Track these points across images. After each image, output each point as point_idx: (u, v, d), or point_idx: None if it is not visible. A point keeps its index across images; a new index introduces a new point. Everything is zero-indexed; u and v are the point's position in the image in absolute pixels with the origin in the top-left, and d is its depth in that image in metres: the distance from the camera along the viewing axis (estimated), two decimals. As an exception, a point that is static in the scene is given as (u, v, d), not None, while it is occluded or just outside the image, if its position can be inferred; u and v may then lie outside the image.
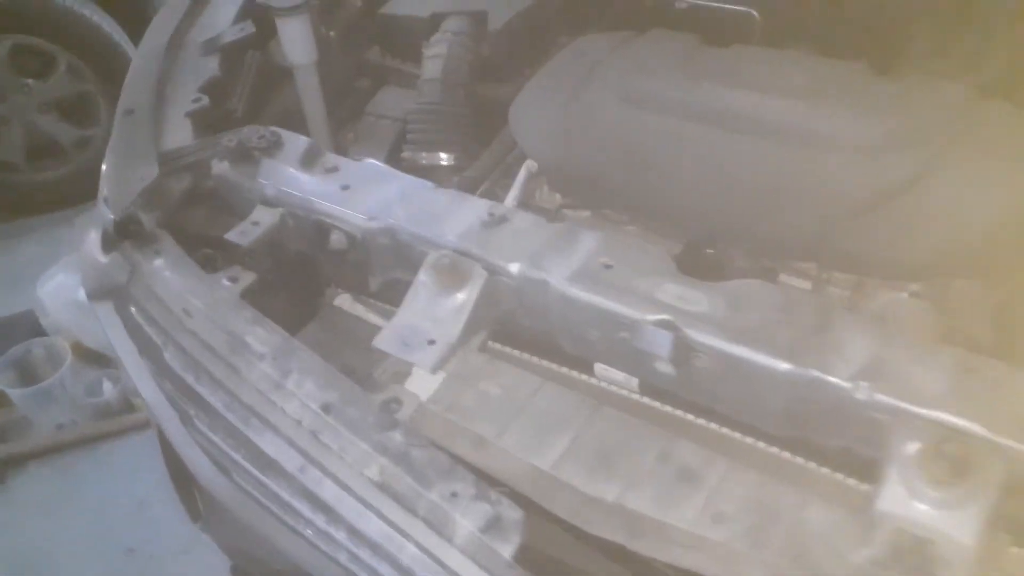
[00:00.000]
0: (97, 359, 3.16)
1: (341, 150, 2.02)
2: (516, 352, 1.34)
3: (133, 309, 1.40)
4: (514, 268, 1.22)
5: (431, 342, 1.20)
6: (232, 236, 1.37)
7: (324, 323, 1.49)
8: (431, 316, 1.22)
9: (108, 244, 1.39)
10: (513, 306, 1.26)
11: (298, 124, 1.95)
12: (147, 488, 2.83)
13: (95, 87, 3.65)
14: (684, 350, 1.09)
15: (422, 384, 1.25)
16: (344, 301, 1.52)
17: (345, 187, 1.39)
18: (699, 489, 1.06)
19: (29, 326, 3.17)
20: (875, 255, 1.37)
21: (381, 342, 1.22)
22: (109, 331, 1.49)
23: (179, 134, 1.55)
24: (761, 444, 1.15)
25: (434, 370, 1.19)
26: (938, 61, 1.79)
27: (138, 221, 1.40)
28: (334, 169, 1.45)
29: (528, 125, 1.75)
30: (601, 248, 1.22)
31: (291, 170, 1.44)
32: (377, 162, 1.47)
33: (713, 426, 1.19)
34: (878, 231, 1.36)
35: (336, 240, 1.36)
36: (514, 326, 1.31)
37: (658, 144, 1.57)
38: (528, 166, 1.74)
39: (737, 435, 1.17)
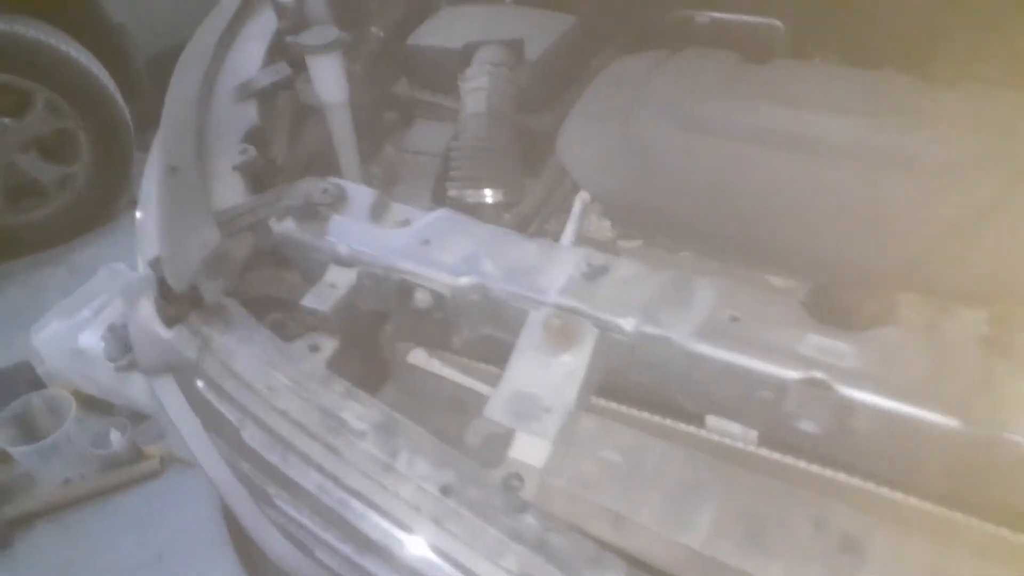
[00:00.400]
0: (100, 407, 3.02)
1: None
2: (616, 406, 1.26)
3: (201, 384, 1.30)
4: (628, 324, 1.15)
5: (547, 410, 1.11)
6: (310, 302, 1.28)
7: (401, 383, 1.40)
8: (542, 380, 1.14)
9: (171, 318, 1.28)
10: (624, 364, 1.19)
11: (328, 164, 1.86)
12: (165, 540, 2.71)
13: (75, 123, 3.50)
14: (839, 410, 1.02)
15: (527, 451, 1.17)
16: (418, 357, 1.44)
17: (425, 242, 1.30)
18: (866, 560, 0.99)
19: (25, 377, 3.02)
20: (968, 278, 1.32)
21: (493, 412, 1.13)
22: (168, 406, 1.39)
23: (230, 190, 1.45)
24: (910, 499, 1.09)
25: (554, 440, 1.11)
26: (977, 65, 1.76)
27: (202, 291, 1.29)
28: (405, 222, 1.37)
29: (580, 156, 1.68)
30: (723, 298, 1.15)
31: (362, 226, 1.35)
32: (450, 211, 1.38)
33: (856, 481, 1.12)
34: (971, 253, 1.32)
35: (421, 299, 1.28)
36: (616, 380, 1.24)
37: (727, 171, 1.52)
38: (582, 198, 1.67)
39: (884, 490, 1.10)
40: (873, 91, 1.59)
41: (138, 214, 1.65)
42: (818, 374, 1.03)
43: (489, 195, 1.69)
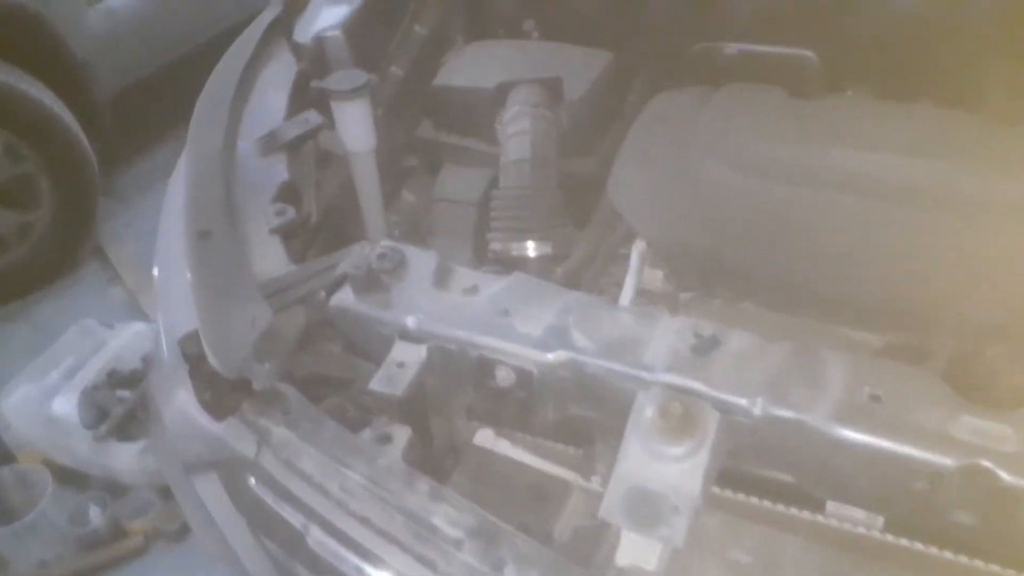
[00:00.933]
0: (75, 479, 2.79)
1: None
2: (731, 493, 1.14)
3: (253, 481, 1.15)
4: (755, 406, 1.03)
5: (675, 509, 0.98)
6: (380, 385, 1.13)
7: (471, 469, 1.26)
8: (660, 474, 1.01)
9: (223, 409, 1.12)
10: (743, 450, 1.07)
11: (345, 216, 1.72)
12: (152, 625, 2.50)
13: (36, 167, 3.26)
14: (1007, 500, 0.92)
15: (642, 555, 1.04)
16: (485, 438, 1.30)
17: (504, 312, 1.17)
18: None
19: (-9, 446, 2.78)
20: None
21: (608, 513, 1.00)
22: (208, 504, 1.23)
23: (271, 257, 1.30)
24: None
25: (687, 545, 0.98)
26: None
27: (252, 377, 1.14)
28: (474, 288, 1.23)
29: (635, 201, 1.58)
30: (857, 374, 1.04)
31: (429, 294, 1.21)
32: (527, 276, 1.25)
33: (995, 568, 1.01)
34: None
35: (503, 378, 1.14)
36: (728, 467, 1.11)
37: (792, 216, 1.43)
38: (639, 248, 1.56)
39: None
40: (934, 130, 1.52)
41: (155, 271, 1.49)
42: (983, 462, 0.92)
43: (535, 247, 1.57)
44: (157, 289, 1.46)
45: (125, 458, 2.61)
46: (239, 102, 1.56)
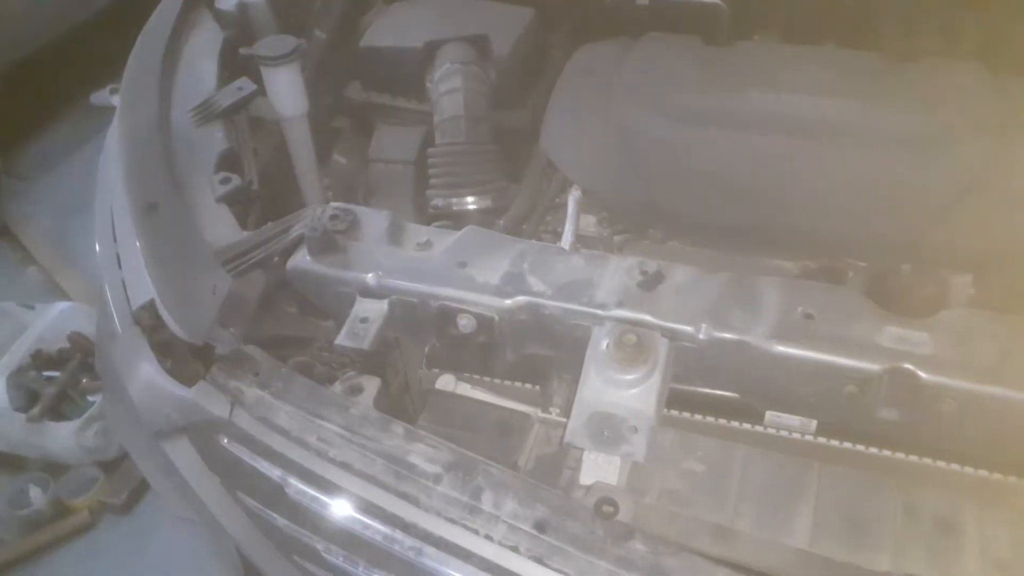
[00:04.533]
0: (10, 464, 2.74)
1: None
2: (677, 413, 1.24)
3: (226, 441, 1.18)
4: (700, 332, 1.12)
5: (633, 429, 1.07)
6: (346, 340, 1.18)
7: (436, 413, 1.32)
8: (618, 398, 1.10)
9: (190, 375, 1.15)
10: (690, 372, 1.16)
11: (284, 180, 1.74)
12: (104, 599, 2.50)
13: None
14: (927, 397, 1.04)
15: (607, 472, 1.13)
16: (447, 382, 1.36)
17: (461, 264, 1.23)
18: (964, 540, 1.02)
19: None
20: (961, 249, 1.38)
21: (574, 438, 1.08)
22: (181, 467, 1.27)
23: (221, 225, 1.32)
24: (988, 475, 1.12)
25: (647, 459, 1.07)
26: (917, 39, 1.83)
27: (215, 341, 1.17)
28: (427, 243, 1.29)
29: (569, 152, 1.65)
30: (790, 296, 1.14)
31: (385, 251, 1.26)
32: (478, 228, 1.30)
33: (926, 462, 1.14)
34: (962, 225, 1.38)
35: (465, 325, 1.20)
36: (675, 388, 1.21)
37: (718, 158, 1.52)
38: (575, 197, 1.63)
39: (955, 467, 1.13)
40: (839, 69, 1.62)
41: (97, 247, 1.49)
42: (905, 364, 1.04)
43: (476, 201, 1.63)
44: (101, 265, 1.45)
45: (62, 438, 2.58)
46: (168, 73, 1.55)
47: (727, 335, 1.11)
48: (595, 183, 1.59)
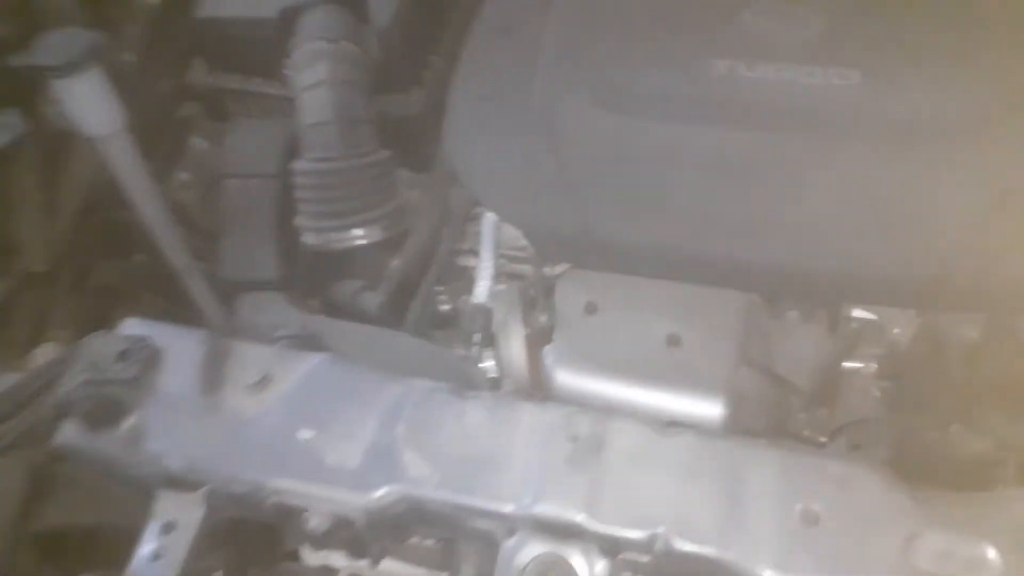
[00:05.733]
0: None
1: (179, 205, 1.40)
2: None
3: None
4: (654, 541, 0.75)
5: None
6: (142, 568, 0.80)
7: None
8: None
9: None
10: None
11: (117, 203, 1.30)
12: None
13: None
14: None
15: None
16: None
17: (307, 435, 0.83)
18: None
19: None
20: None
21: None
22: None
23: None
24: None
25: None
26: None
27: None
28: (263, 382, 0.88)
29: (477, 164, 1.21)
30: (790, 482, 0.76)
31: (197, 408, 0.86)
32: (333, 358, 0.89)
33: None
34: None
35: (316, 525, 0.83)
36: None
37: (691, 167, 1.09)
38: (490, 219, 1.23)
39: None
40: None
41: None
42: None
43: (362, 235, 1.22)
44: None
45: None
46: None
47: (692, 548, 0.74)
48: (512, 212, 1.17)
